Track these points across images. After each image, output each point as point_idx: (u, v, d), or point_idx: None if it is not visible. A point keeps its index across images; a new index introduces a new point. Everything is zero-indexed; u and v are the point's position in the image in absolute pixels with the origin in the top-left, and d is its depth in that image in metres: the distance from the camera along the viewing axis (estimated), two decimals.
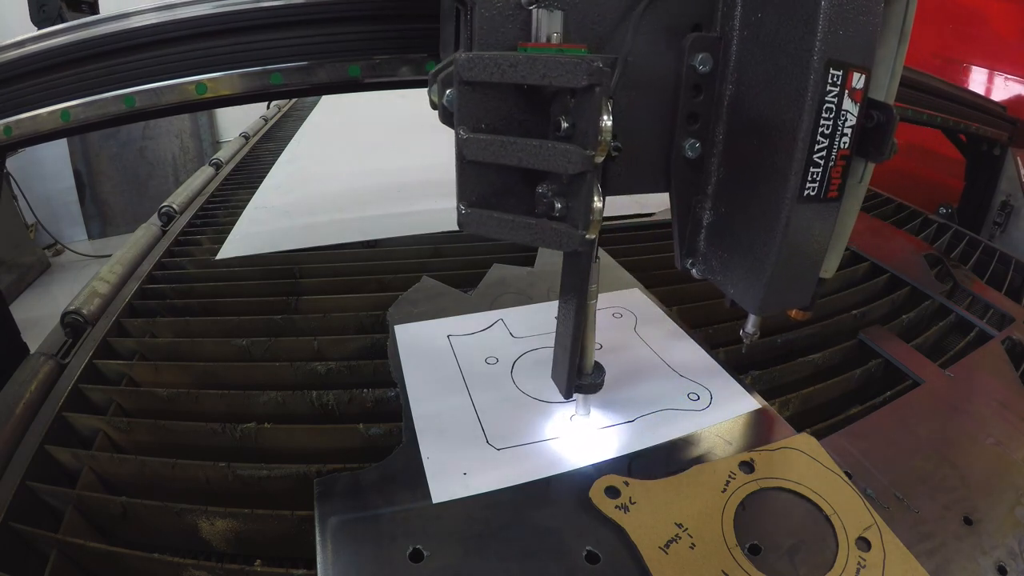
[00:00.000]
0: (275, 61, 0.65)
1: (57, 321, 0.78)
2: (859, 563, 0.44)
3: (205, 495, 0.54)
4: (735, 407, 0.60)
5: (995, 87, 1.73)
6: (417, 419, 0.57)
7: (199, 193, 1.36)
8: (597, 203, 0.39)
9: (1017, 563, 0.47)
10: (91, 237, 4.02)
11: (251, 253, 0.99)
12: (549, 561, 0.44)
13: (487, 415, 0.58)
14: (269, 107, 2.39)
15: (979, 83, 1.77)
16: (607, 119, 0.37)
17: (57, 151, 3.72)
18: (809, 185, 0.44)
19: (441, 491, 0.49)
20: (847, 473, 0.52)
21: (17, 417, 0.60)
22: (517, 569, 0.43)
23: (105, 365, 0.70)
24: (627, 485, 0.50)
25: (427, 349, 0.68)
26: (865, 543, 0.46)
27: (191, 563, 0.47)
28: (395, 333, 0.71)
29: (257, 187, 1.36)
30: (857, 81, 0.43)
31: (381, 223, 1.08)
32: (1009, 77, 1.69)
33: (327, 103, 2.29)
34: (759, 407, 0.60)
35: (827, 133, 0.43)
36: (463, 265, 0.90)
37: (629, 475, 0.51)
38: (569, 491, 0.50)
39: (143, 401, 0.65)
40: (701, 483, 0.50)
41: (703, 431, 0.57)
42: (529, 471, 0.51)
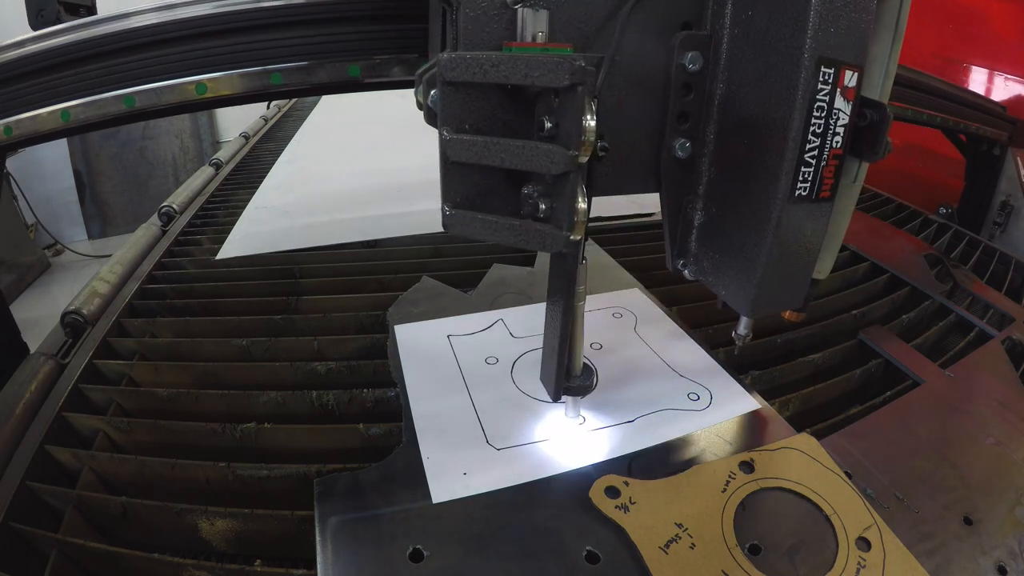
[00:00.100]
0: (275, 61, 0.65)
1: (57, 321, 0.78)
2: (859, 563, 0.44)
3: (205, 495, 0.54)
4: (735, 407, 0.60)
5: (995, 87, 1.73)
6: (417, 419, 0.57)
7: (199, 193, 1.36)
8: (581, 204, 0.39)
9: (1017, 563, 0.47)
10: (91, 237, 4.03)
11: (251, 253, 0.99)
12: (549, 561, 0.44)
13: (487, 415, 0.58)
14: (269, 107, 2.39)
15: (979, 83, 1.77)
16: (590, 119, 0.36)
17: (57, 151, 3.72)
18: (800, 185, 0.44)
19: (441, 491, 0.49)
20: (847, 473, 0.52)
21: (17, 417, 0.60)
22: (517, 569, 0.43)
23: (105, 365, 0.70)
24: (627, 485, 0.50)
25: (427, 349, 0.68)
26: (865, 543, 0.46)
27: (191, 563, 0.47)
28: (395, 333, 0.71)
29: (257, 187, 1.36)
30: (849, 79, 0.42)
31: (381, 223, 1.08)
32: (1009, 77, 1.69)
33: (327, 103, 2.29)
34: (759, 407, 0.60)
35: (819, 132, 0.42)
36: (463, 265, 0.90)
37: (629, 475, 0.51)
38: (569, 491, 0.50)
39: (143, 401, 0.65)
40: (701, 483, 0.50)
41: (703, 431, 0.57)
42: (529, 471, 0.51)
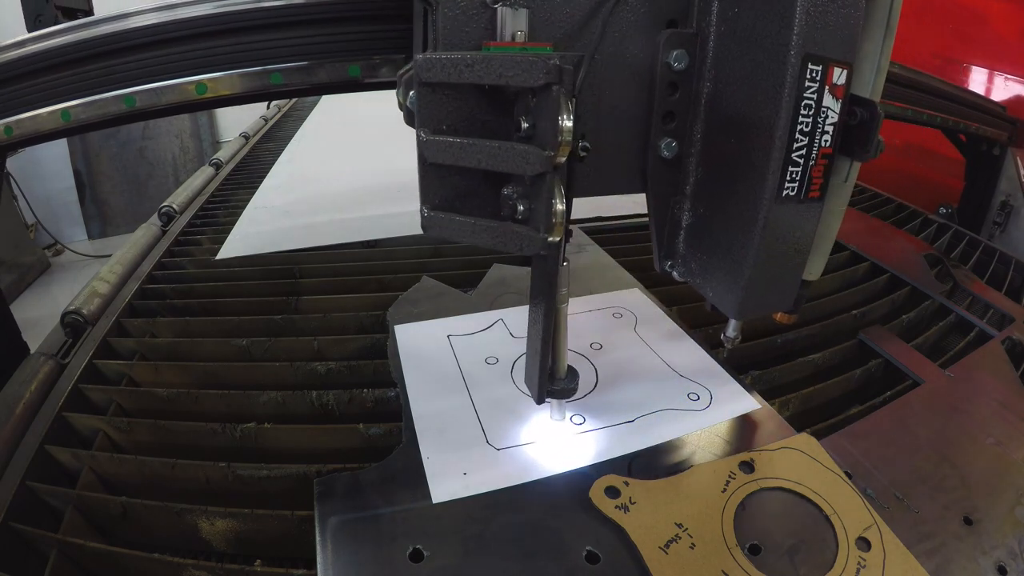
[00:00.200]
0: (275, 61, 0.65)
1: (57, 321, 0.78)
2: (859, 563, 0.44)
3: (205, 495, 0.54)
4: (735, 407, 0.60)
5: (995, 87, 1.73)
6: (417, 419, 0.57)
7: (199, 193, 1.36)
8: (559, 205, 0.38)
9: (1017, 563, 0.47)
10: (91, 237, 4.03)
11: (251, 253, 0.99)
12: (549, 561, 0.44)
13: (487, 415, 0.58)
14: (269, 107, 2.40)
15: (979, 83, 1.77)
16: (566, 119, 0.36)
17: (57, 151, 3.72)
18: (788, 185, 0.43)
19: (441, 491, 0.49)
20: (847, 473, 0.52)
21: (17, 417, 0.60)
22: (517, 569, 0.43)
23: (105, 365, 0.70)
24: (627, 485, 0.50)
25: (427, 349, 0.68)
26: (865, 543, 0.46)
27: (191, 563, 0.47)
28: (395, 333, 0.71)
29: (257, 187, 1.36)
30: (838, 76, 0.42)
31: (381, 223, 1.08)
32: (1009, 77, 1.69)
33: (327, 103, 2.29)
34: (759, 407, 0.60)
35: (806, 131, 0.42)
36: (463, 265, 0.90)
37: (629, 475, 0.51)
38: (569, 491, 0.50)
39: (143, 401, 0.65)
40: (701, 483, 0.50)
41: (703, 431, 0.56)
42: (529, 471, 0.51)
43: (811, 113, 0.42)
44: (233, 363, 0.70)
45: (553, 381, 0.51)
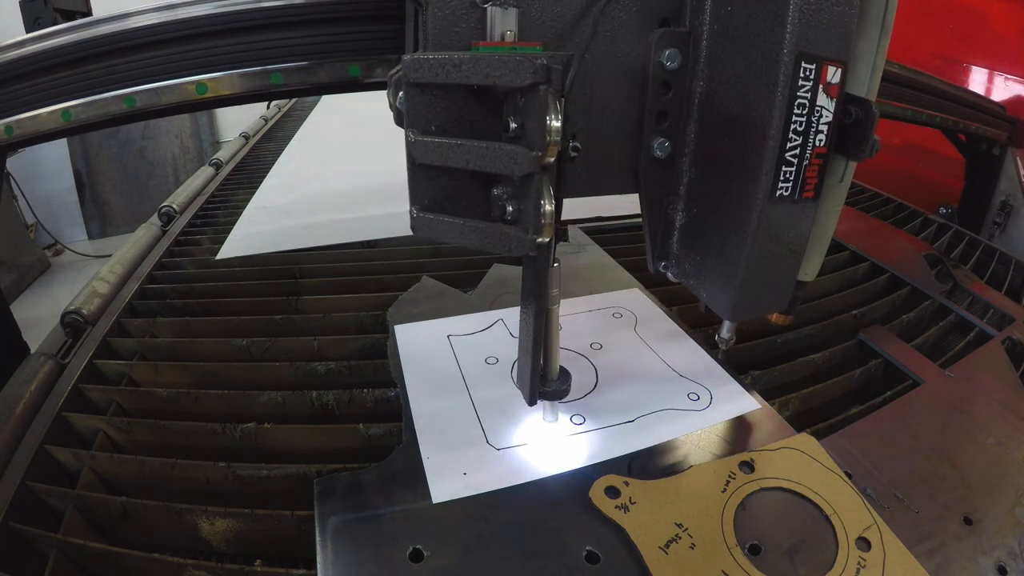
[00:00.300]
0: (275, 61, 0.65)
1: (57, 321, 0.78)
2: (859, 563, 0.44)
3: (205, 495, 0.54)
4: (735, 407, 0.60)
5: (995, 87, 1.73)
6: (417, 419, 0.57)
7: (199, 193, 1.36)
8: (547, 206, 0.38)
9: (1017, 563, 0.47)
10: (91, 237, 4.03)
11: (251, 253, 0.99)
12: (549, 561, 0.44)
13: (487, 415, 0.58)
14: (269, 107, 2.40)
15: (979, 83, 1.77)
16: (554, 119, 0.36)
17: (57, 151, 3.72)
18: (782, 185, 0.43)
19: (441, 491, 0.49)
20: (847, 473, 0.52)
21: (17, 417, 0.60)
22: (517, 569, 0.43)
23: (105, 365, 0.70)
24: (627, 485, 0.50)
25: (427, 349, 0.68)
26: (865, 543, 0.46)
27: (191, 563, 0.47)
28: (395, 333, 0.71)
29: (257, 187, 1.36)
30: (832, 75, 0.41)
31: (381, 223, 1.08)
32: (1009, 77, 1.69)
33: (327, 103, 2.29)
34: (759, 407, 0.60)
35: (800, 130, 0.41)
36: (463, 265, 0.90)
37: (629, 475, 0.51)
38: (569, 491, 0.50)
39: (143, 401, 0.65)
40: (701, 483, 0.50)
41: (703, 431, 0.56)
42: (529, 471, 0.51)
43: (805, 112, 0.41)
44: (233, 363, 0.70)
45: (545, 383, 0.51)
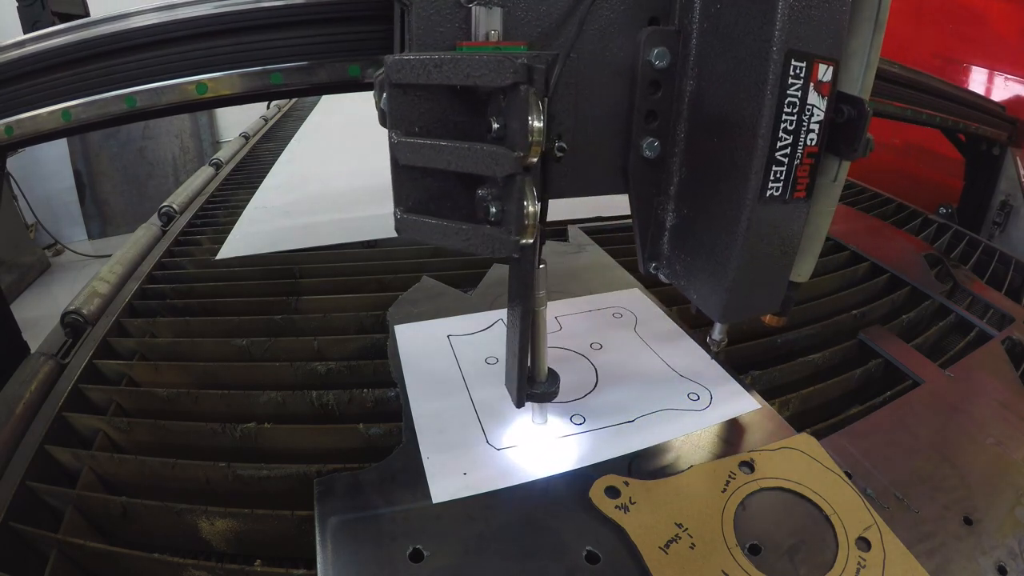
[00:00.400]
0: (275, 61, 0.65)
1: (57, 321, 0.78)
2: (859, 563, 0.44)
3: (205, 495, 0.54)
4: (735, 407, 0.60)
5: (995, 87, 1.73)
6: (417, 419, 0.57)
7: (199, 193, 1.36)
8: (530, 207, 0.37)
9: (1017, 563, 0.47)
10: (91, 237, 4.03)
11: (251, 253, 0.99)
12: (549, 561, 0.44)
13: (487, 415, 0.58)
14: (269, 107, 2.40)
15: (979, 83, 1.77)
16: (536, 119, 0.35)
17: (57, 151, 3.72)
18: (772, 185, 0.42)
19: (441, 491, 0.49)
20: (847, 473, 0.52)
21: (17, 417, 0.60)
22: (517, 569, 0.43)
23: (105, 365, 0.70)
24: (627, 485, 0.50)
25: (427, 349, 0.68)
26: (865, 543, 0.46)
27: (191, 563, 0.47)
28: (395, 333, 0.71)
29: (257, 187, 1.36)
30: (824, 73, 0.41)
31: (381, 223, 1.08)
32: (1009, 77, 1.69)
33: (327, 103, 2.29)
34: (759, 407, 0.60)
35: (790, 129, 0.41)
36: (463, 265, 0.90)
37: (629, 475, 0.51)
38: (569, 491, 0.50)
39: (143, 401, 0.65)
40: (701, 483, 0.50)
41: (703, 431, 0.57)
42: (529, 471, 0.51)
43: (795, 111, 0.41)
44: (233, 363, 0.70)
45: (533, 384, 0.50)
